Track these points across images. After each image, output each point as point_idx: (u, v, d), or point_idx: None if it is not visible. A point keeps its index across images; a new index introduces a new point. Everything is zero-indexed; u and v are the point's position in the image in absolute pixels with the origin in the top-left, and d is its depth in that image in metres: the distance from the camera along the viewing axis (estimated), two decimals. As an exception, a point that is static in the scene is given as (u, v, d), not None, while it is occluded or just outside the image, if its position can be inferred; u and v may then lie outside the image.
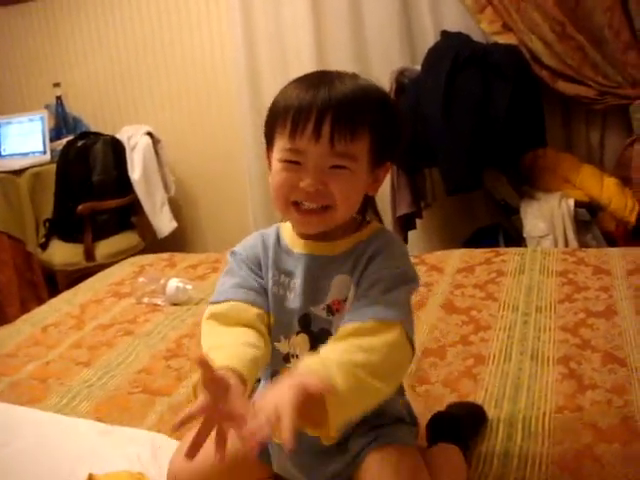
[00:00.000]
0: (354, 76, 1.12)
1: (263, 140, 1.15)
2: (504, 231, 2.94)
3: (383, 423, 1.14)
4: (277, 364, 1.17)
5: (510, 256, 2.21)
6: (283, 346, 1.16)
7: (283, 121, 1.07)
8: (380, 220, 3.13)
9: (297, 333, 1.15)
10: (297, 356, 1.15)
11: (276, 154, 1.09)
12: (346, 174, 1.07)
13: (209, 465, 1.12)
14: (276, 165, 1.09)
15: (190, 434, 1.20)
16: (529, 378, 1.48)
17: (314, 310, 1.14)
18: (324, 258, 1.15)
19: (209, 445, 0.94)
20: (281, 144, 1.08)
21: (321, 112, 1.03)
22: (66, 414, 1.55)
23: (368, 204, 1.20)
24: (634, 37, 2.81)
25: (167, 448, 1.34)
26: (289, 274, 1.16)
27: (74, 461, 1.36)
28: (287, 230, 1.21)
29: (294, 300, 1.15)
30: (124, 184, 3.58)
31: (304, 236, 1.17)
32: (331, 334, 1.11)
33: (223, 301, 1.14)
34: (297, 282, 1.15)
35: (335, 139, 1.04)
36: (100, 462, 1.33)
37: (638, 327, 1.66)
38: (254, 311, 1.13)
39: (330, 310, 1.13)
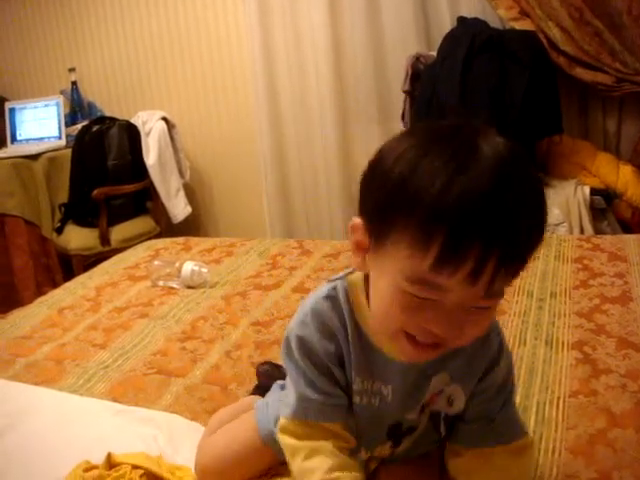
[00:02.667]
0: (498, 146, 0.77)
1: (278, 125, 0.97)
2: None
3: None
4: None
5: (525, 242, 2.19)
6: (363, 455, 1.05)
7: (420, 235, 0.74)
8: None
9: (382, 443, 1.04)
10: (376, 459, 1.08)
11: (397, 274, 0.79)
12: (487, 314, 0.83)
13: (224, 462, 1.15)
14: (392, 289, 0.80)
15: (216, 417, 1.22)
16: (543, 363, 1.48)
17: (408, 416, 1.00)
18: (419, 363, 0.95)
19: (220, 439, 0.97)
20: (409, 269, 0.77)
21: (489, 242, 0.73)
22: (82, 395, 1.57)
23: None
24: (653, 23, 2.79)
25: (183, 430, 1.35)
26: (377, 379, 0.97)
27: (91, 440, 1.36)
28: (367, 320, 0.94)
29: (384, 409, 0.99)
30: (139, 169, 3.60)
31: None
32: (416, 429, 1.03)
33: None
34: (389, 390, 0.98)
35: (496, 283, 0.76)
36: (117, 442, 1.33)
37: (653, 313, 1.65)
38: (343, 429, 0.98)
39: (422, 409, 1.01)
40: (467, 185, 0.72)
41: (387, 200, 0.78)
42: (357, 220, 0.85)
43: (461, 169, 0.73)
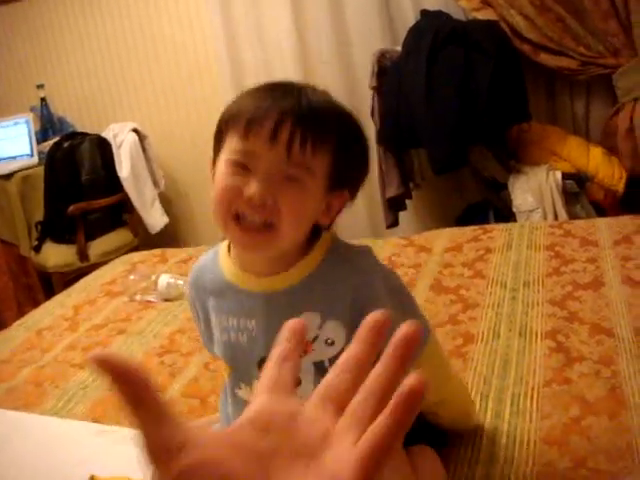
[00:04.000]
0: (326, 92, 1.03)
1: None
2: (494, 207, 2.95)
3: None
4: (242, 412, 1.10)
5: (498, 232, 2.21)
6: (245, 393, 1.09)
7: (235, 124, 0.97)
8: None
9: (258, 379, 1.08)
10: None
11: (223, 156, 0.99)
12: (299, 188, 0.96)
13: None
14: (221, 168, 0.98)
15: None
16: (517, 354, 1.49)
17: None
18: (282, 294, 1.03)
19: None
20: (231, 146, 0.98)
21: (282, 114, 0.94)
22: (62, 417, 1.57)
23: (316, 237, 1.06)
24: (613, 5, 2.80)
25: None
26: (242, 315, 1.06)
27: (73, 464, 1.37)
28: (226, 263, 1.09)
29: (252, 343, 1.05)
30: (113, 182, 3.58)
31: (254, 272, 1.05)
32: (299, 379, 1.04)
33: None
34: (253, 324, 1.05)
35: (293, 146, 0.94)
36: (99, 463, 1.34)
37: (625, 297, 1.67)
38: None
39: None
40: (265, 94, 0.98)
41: (219, 123, 1.02)
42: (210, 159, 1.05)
43: (270, 94, 0.98)
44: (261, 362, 1.04)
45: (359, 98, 3.17)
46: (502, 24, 2.95)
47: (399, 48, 3.01)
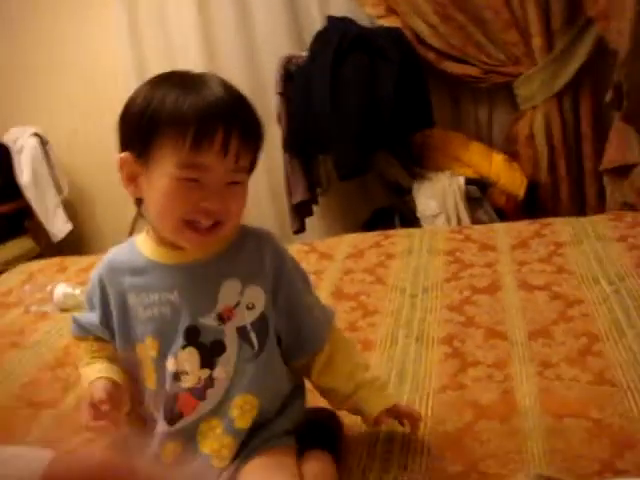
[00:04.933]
0: (219, 77, 1.08)
1: None
2: (399, 212, 2.98)
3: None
4: (168, 384, 1.10)
5: (399, 238, 2.23)
6: (170, 364, 1.10)
7: (176, 133, 0.99)
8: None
9: (183, 347, 1.09)
10: (187, 372, 1.09)
11: (167, 169, 1.01)
12: (241, 188, 1.06)
13: None
14: (166, 182, 1.01)
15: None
16: (414, 361, 1.49)
17: (203, 321, 1.08)
18: (202, 264, 1.10)
19: None
20: (175, 158, 1.00)
21: (229, 124, 0.99)
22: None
23: None
24: (513, 15, 2.87)
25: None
26: (162, 290, 1.10)
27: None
28: (145, 244, 1.14)
29: (176, 314, 1.09)
30: (13, 188, 3.46)
31: (172, 246, 1.10)
32: (224, 345, 1.09)
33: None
34: (175, 295, 1.09)
35: (241, 155, 1.02)
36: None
37: (520, 301, 1.70)
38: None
39: (221, 318, 1.08)
40: (206, 92, 1.01)
41: (141, 121, 1.02)
42: (122, 155, 1.06)
43: (188, 92, 1.01)
44: (187, 331, 1.08)
45: (265, 103, 3.15)
46: (406, 31, 2.99)
47: (305, 53, 3.01)
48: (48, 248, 3.59)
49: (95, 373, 1.14)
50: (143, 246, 1.14)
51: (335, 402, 1.22)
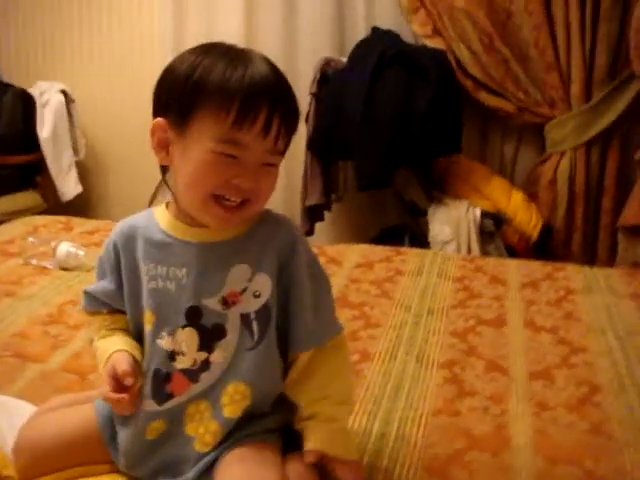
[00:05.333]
0: (265, 56, 1.05)
1: None
2: (410, 233, 2.95)
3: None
4: (161, 363, 1.09)
5: (410, 257, 2.21)
6: (167, 343, 1.08)
7: (220, 105, 0.97)
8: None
9: (183, 327, 1.07)
10: (183, 353, 1.07)
11: (204, 141, 0.99)
12: (274, 171, 1.05)
13: (53, 439, 1.13)
14: (202, 154, 0.99)
15: (59, 398, 1.24)
16: (411, 379, 1.47)
17: (206, 303, 1.06)
18: (217, 245, 1.08)
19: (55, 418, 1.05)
20: (215, 132, 0.98)
21: (273, 105, 0.98)
22: None
23: None
24: (557, 58, 2.86)
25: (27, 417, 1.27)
26: (172, 264, 1.08)
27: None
28: (164, 217, 1.12)
29: (180, 292, 1.07)
30: (31, 140, 3.43)
31: (191, 222, 1.08)
32: (225, 330, 1.06)
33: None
34: (184, 272, 1.07)
35: (280, 138, 1.02)
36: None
37: (524, 339, 1.68)
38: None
39: (226, 302, 1.06)
40: (254, 69, 0.99)
41: (185, 87, 1.00)
42: (156, 121, 1.04)
43: (236, 65, 0.99)
44: (189, 311, 1.07)
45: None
46: (449, 55, 2.98)
47: (344, 59, 3.00)
48: (54, 207, 3.56)
49: (114, 346, 1.12)
50: (161, 218, 1.12)
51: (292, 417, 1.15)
